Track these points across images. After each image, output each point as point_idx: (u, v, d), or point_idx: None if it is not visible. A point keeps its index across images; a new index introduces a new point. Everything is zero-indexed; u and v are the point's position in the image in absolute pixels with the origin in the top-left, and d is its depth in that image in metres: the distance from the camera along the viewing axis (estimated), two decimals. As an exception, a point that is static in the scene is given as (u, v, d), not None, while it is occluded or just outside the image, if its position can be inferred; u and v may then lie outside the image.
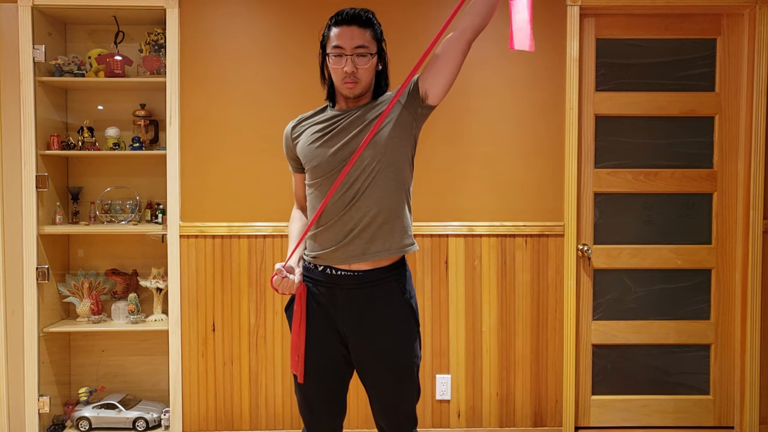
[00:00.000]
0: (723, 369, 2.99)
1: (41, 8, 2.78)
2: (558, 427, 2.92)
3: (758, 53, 2.83)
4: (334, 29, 1.71)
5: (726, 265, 2.96)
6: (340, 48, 1.69)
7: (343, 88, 1.72)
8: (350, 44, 1.68)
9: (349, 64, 1.68)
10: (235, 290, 2.86)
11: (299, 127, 1.83)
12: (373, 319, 1.75)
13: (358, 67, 1.69)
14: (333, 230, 1.73)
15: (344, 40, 1.68)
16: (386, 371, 1.76)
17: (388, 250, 1.73)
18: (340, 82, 1.71)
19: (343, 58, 1.69)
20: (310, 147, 1.76)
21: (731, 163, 2.94)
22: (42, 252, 2.83)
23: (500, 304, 2.88)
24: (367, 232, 1.71)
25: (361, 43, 1.68)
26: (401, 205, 1.75)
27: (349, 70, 1.68)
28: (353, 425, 2.87)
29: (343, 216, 1.71)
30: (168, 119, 2.80)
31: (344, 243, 1.72)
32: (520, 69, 2.85)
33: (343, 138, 1.72)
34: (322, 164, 1.73)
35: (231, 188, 2.86)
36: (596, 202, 2.95)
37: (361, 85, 1.72)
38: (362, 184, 1.70)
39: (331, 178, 1.72)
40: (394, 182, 1.73)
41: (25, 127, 2.76)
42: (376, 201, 1.71)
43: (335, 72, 1.71)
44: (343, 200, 1.71)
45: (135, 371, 3.06)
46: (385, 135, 1.71)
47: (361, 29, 1.69)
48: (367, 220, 1.71)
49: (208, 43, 2.83)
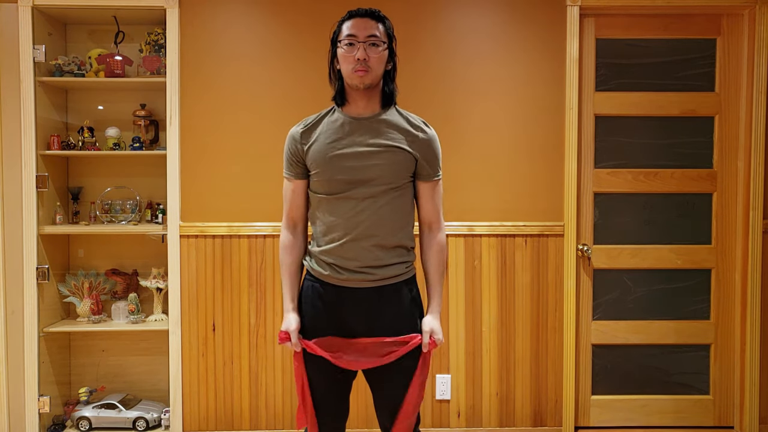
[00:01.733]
0: (723, 369, 2.99)
1: (41, 8, 2.78)
2: (558, 426, 2.92)
3: (758, 53, 2.83)
4: (348, 22, 1.74)
5: (726, 265, 2.96)
6: (353, 36, 1.70)
7: (354, 76, 1.71)
8: (363, 33, 1.71)
9: (361, 51, 1.69)
10: (235, 290, 2.86)
11: (309, 132, 1.79)
12: (381, 318, 1.75)
13: (370, 56, 1.70)
14: (345, 246, 1.73)
15: (358, 29, 1.71)
16: (395, 371, 1.76)
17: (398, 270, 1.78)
18: (351, 71, 1.71)
19: (355, 46, 1.70)
20: (326, 155, 1.74)
21: (731, 163, 2.94)
22: (42, 252, 2.83)
23: (500, 304, 2.88)
24: (381, 248, 1.74)
25: (373, 32, 1.71)
26: (410, 223, 1.81)
27: (361, 57, 1.69)
28: (353, 425, 2.87)
29: (355, 230, 1.72)
30: (168, 119, 2.81)
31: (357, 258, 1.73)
32: (520, 69, 2.85)
33: (359, 148, 1.73)
34: (336, 176, 1.72)
35: (231, 188, 2.86)
36: (596, 202, 2.95)
37: (372, 75, 1.71)
38: (376, 201, 1.72)
39: (345, 191, 1.72)
40: (406, 200, 1.79)
41: (25, 127, 2.76)
42: (388, 218, 1.74)
43: (347, 60, 1.71)
44: (358, 216, 1.72)
45: (135, 371, 3.06)
46: (396, 161, 1.74)
47: (374, 21, 1.73)
48: (380, 237, 1.73)
49: (208, 43, 2.83)
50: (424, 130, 1.79)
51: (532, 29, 2.85)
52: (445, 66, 2.84)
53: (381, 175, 1.72)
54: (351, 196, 1.72)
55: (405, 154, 1.75)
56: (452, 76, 2.85)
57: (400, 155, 1.74)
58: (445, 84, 2.84)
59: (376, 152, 1.73)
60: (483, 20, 2.84)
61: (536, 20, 2.85)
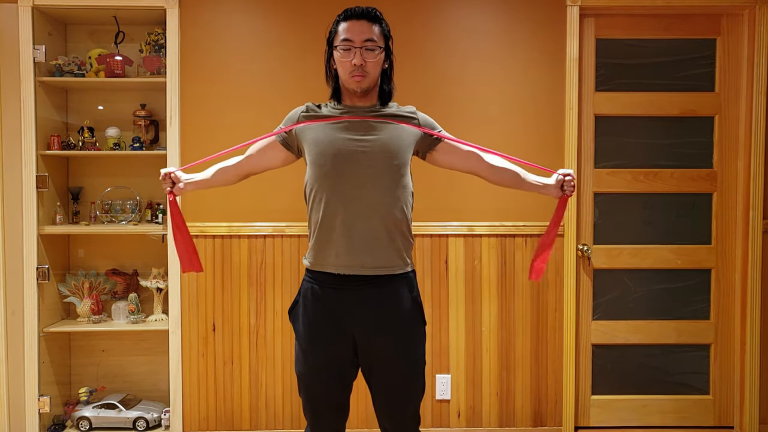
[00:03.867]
0: (723, 369, 2.99)
1: (41, 8, 2.78)
2: (558, 426, 2.92)
3: (758, 53, 2.83)
4: (343, 24, 1.72)
5: (726, 265, 2.96)
6: (349, 41, 1.69)
7: (351, 81, 1.72)
8: (359, 37, 1.69)
9: (357, 57, 1.68)
10: (235, 290, 2.86)
11: (312, 111, 1.81)
12: (382, 318, 1.74)
13: (367, 61, 1.70)
14: (341, 238, 1.71)
15: (353, 33, 1.69)
16: (396, 371, 1.76)
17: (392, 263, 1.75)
18: (348, 76, 1.71)
19: (351, 51, 1.69)
20: (326, 130, 1.74)
21: (731, 163, 2.94)
22: (42, 252, 2.83)
23: (500, 304, 2.88)
24: (378, 242, 1.72)
25: (369, 36, 1.70)
26: (405, 218, 1.78)
27: (358, 63, 1.68)
28: (353, 425, 2.87)
29: (353, 222, 1.71)
30: (168, 119, 2.81)
31: (354, 251, 1.71)
32: (520, 69, 2.85)
33: (360, 131, 1.72)
34: (329, 160, 1.71)
35: (231, 188, 2.84)
36: (596, 202, 2.95)
37: (369, 80, 1.72)
38: (371, 192, 1.71)
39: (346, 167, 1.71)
40: (406, 187, 1.77)
41: (25, 127, 2.76)
42: (384, 210, 1.72)
43: (343, 65, 1.71)
44: (360, 195, 1.70)
45: (135, 371, 3.06)
46: (395, 146, 1.73)
47: (370, 24, 1.71)
48: (377, 231, 1.71)
49: (208, 43, 2.83)
50: (415, 112, 1.84)
51: (532, 29, 2.85)
52: (444, 65, 2.84)
53: (376, 152, 1.71)
54: (349, 173, 1.70)
55: (404, 129, 1.77)
56: (452, 75, 2.85)
57: (399, 129, 1.76)
58: (444, 83, 2.85)
59: (371, 131, 1.73)
60: (483, 20, 2.84)
61: (536, 20, 2.85)
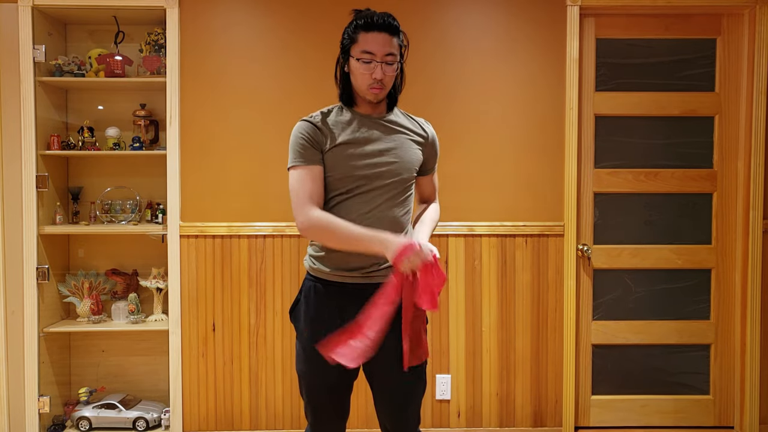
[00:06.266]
0: (723, 369, 2.99)
1: (41, 8, 2.78)
2: (558, 426, 2.92)
3: (758, 53, 2.83)
4: (365, 35, 1.69)
5: (726, 265, 2.96)
6: (371, 54, 1.68)
7: (369, 93, 1.72)
8: (382, 51, 1.68)
9: (378, 71, 1.68)
10: (235, 290, 2.86)
11: (327, 125, 1.75)
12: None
13: (386, 74, 1.70)
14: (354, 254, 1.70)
15: (376, 46, 1.68)
16: (398, 370, 1.76)
17: None
18: (367, 88, 1.71)
19: (372, 65, 1.68)
20: (343, 152, 1.71)
21: (731, 163, 2.94)
22: (42, 252, 2.83)
23: (500, 304, 2.88)
24: None
25: (390, 51, 1.69)
26: (410, 223, 1.83)
27: (379, 77, 1.68)
28: (353, 425, 2.87)
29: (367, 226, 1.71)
30: (168, 119, 2.81)
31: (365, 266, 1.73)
32: (520, 68, 2.85)
33: (373, 145, 1.74)
34: (353, 173, 1.71)
35: (231, 188, 2.86)
36: (596, 202, 2.95)
37: (386, 91, 1.74)
38: (388, 196, 1.74)
39: (360, 187, 1.72)
40: (411, 198, 1.83)
41: (25, 127, 2.76)
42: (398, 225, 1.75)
43: (362, 77, 1.70)
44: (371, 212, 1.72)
45: (135, 371, 3.06)
46: (412, 165, 1.78)
47: (390, 37, 1.70)
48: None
49: (208, 42, 2.83)
50: (426, 130, 1.87)
51: (533, 29, 2.85)
52: (444, 65, 2.84)
53: (394, 170, 1.74)
54: (366, 191, 1.72)
55: (415, 150, 1.80)
56: (452, 74, 2.85)
57: (410, 151, 1.79)
58: (444, 82, 2.84)
59: (390, 149, 1.75)
60: (483, 19, 2.84)
61: (536, 20, 2.85)
